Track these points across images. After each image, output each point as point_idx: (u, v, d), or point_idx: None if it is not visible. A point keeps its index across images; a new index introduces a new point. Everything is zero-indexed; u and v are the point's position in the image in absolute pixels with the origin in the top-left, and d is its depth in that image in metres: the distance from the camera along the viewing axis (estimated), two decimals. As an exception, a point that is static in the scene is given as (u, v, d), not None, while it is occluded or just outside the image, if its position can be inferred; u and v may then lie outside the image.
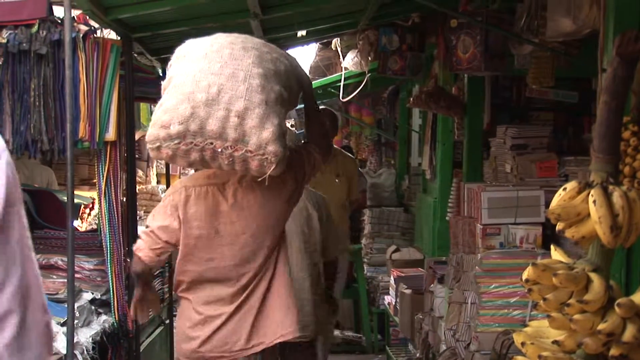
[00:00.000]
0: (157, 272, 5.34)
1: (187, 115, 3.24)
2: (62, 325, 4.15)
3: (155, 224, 3.72)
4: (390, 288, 7.12)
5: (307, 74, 4.35)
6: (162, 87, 3.52)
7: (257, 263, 3.72)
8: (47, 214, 5.30)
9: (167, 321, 6.14)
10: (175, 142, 3.27)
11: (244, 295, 3.73)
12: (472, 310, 4.29)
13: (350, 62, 7.52)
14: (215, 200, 3.69)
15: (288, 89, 3.48)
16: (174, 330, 4.12)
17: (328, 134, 5.59)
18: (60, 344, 4.09)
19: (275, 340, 3.75)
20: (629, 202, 2.05)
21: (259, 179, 3.44)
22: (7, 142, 4.77)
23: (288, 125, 6.67)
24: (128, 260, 4.59)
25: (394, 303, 6.82)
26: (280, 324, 3.74)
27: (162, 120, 3.28)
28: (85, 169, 8.80)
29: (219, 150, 3.27)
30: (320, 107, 4.88)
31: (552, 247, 2.33)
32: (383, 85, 9.88)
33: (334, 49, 8.37)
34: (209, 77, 3.29)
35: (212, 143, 3.27)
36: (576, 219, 2.10)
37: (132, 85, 4.91)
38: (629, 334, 2.03)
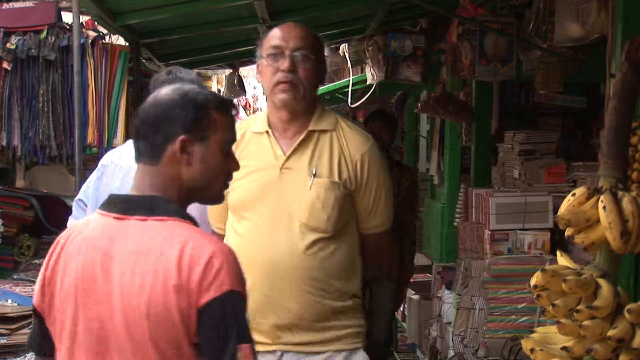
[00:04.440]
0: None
1: None
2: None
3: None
4: (398, 294, 7.11)
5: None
6: None
7: None
8: (55, 219, 5.30)
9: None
10: None
11: None
12: (480, 316, 4.28)
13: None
14: None
15: None
16: None
17: None
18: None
19: None
20: (639, 208, 2.05)
21: None
22: (15, 147, 4.80)
23: None
24: None
25: (401, 309, 6.81)
26: None
27: None
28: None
29: None
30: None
31: (558, 252, 2.32)
32: (391, 91, 9.86)
33: (341, 54, 8.35)
34: None
35: None
36: (586, 225, 2.09)
37: (140, 91, 4.92)
38: (638, 340, 2.02)
